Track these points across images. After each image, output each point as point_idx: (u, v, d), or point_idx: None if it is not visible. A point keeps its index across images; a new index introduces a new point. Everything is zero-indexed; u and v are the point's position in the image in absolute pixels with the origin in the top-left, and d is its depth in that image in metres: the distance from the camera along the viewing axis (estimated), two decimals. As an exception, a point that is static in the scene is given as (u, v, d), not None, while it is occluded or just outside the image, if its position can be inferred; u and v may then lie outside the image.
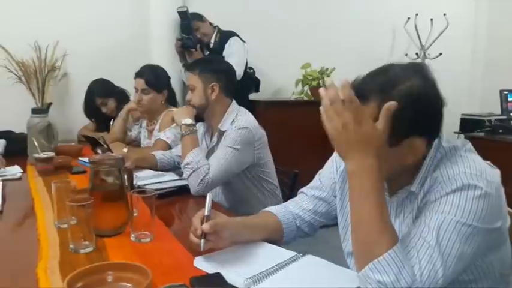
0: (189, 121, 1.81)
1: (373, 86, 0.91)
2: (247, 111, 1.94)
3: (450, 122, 3.33)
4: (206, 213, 1.07)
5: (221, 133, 1.86)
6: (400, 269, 0.81)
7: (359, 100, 0.86)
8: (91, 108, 2.98)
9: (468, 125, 4.12)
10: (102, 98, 2.94)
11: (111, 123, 3.01)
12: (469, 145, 0.99)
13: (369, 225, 0.85)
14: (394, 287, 0.81)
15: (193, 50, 3.14)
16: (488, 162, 0.96)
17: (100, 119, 3.02)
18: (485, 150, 1.01)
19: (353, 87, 0.87)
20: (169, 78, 2.62)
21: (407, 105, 0.88)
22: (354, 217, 0.89)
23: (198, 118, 1.92)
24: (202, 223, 1.05)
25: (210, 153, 1.89)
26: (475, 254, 0.87)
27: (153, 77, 2.45)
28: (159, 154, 2.16)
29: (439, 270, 0.81)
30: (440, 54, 4.12)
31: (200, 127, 2.01)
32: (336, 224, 1.19)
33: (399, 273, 0.81)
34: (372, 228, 0.85)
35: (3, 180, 1.79)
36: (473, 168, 0.89)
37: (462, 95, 4.75)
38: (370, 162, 0.86)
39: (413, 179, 0.97)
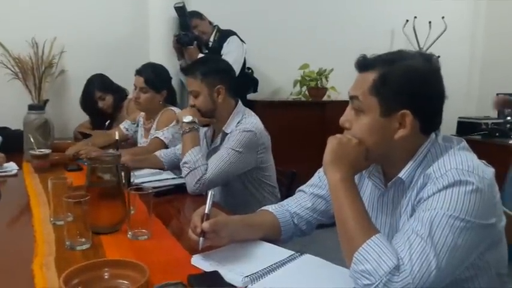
0: (189, 118, 1.77)
1: (380, 58, 1.00)
2: (253, 113, 1.89)
3: (447, 124, 3.34)
4: (206, 211, 1.07)
5: (225, 134, 1.83)
6: (379, 254, 0.84)
7: (365, 69, 0.99)
8: (88, 101, 2.94)
9: (465, 128, 4.14)
10: (101, 92, 2.92)
11: (106, 123, 3.00)
12: (464, 143, 1.01)
13: (348, 224, 0.91)
14: (377, 273, 0.82)
15: (190, 46, 3.13)
16: (483, 161, 0.97)
17: (95, 114, 3.00)
18: (481, 154, 1.02)
19: (362, 58, 1.01)
20: (171, 78, 2.59)
21: (405, 78, 0.96)
22: (337, 222, 0.96)
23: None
24: (202, 221, 1.05)
25: (212, 153, 1.86)
26: (470, 249, 0.87)
27: (153, 76, 2.42)
28: (161, 154, 2.14)
29: (432, 262, 0.81)
30: (438, 57, 4.08)
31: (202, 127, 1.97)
32: (332, 225, 1.19)
33: (379, 259, 0.83)
34: (350, 227, 0.91)
35: (-2, 177, 1.78)
36: (465, 164, 0.91)
37: (459, 98, 4.76)
38: (340, 176, 0.96)
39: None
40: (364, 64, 1.00)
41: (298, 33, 3.98)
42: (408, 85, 0.96)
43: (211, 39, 3.35)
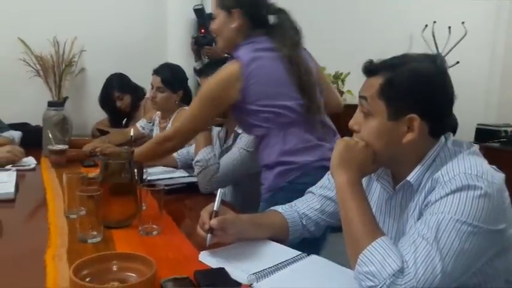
0: None
1: (385, 62, 1.01)
2: None
3: (465, 131, 3.29)
4: (215, 208, 1.08)
5: (237, 134, 1.85)
6: (384, 256, 0.84)
7: (371, 74, 1.00)
8: (107, 99, 3.02)
9: (483, 135, 4.07)
10: (119, 92, 2.99)
11: (123, 121, 3.06)
12: (474, 148, 0.99)
13: (353, 226, 0.92)
14: (381, 275, 0.82)
15: (209, 46, 3.15)
16: (493, 166, 0.96)
17: (113, 112, 3.07)
18: (500, 161, 1.00)
19: (369, 63, 1.01)
20: (187, 79, 2.63)
21: (410, 81, 0.96)
22: (343, 223, 0.96)
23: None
24: (210, 218, 1.06)
25: (224, 153, 1.88)
26: (477, 255, 0.86)
27: (170, 76, 2.46)
28: (175, 153, 2.17)
29: (437, 266, 0.81)
30: (458, 62, 4.07)
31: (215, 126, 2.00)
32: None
33: (383, 261, 0.83)
34: (356, 229, 0.91)
35: (17, 170, 1.82)
36: (473, 169, 0.90)
37: (478, 105, 4.69)
38: (347, 178, 0.97)
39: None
40: (370, 69, 1.01)
41: (314, 36, 3.93)
42: (414, 88, 0.96)
43: (229, 41, 3.37)
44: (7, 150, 1.98)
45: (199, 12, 3.19)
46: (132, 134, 2.17)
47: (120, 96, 2.99)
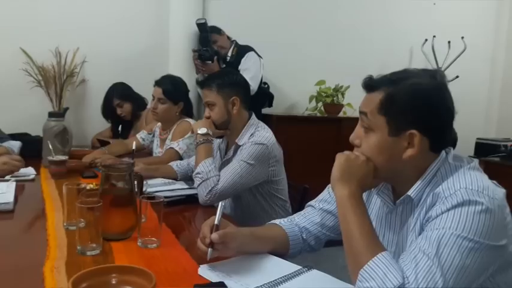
0: (204, 130, 1.80)
1: (385, 78, 1.01)
2: (266, 126, 1.91)
3: (464, 145, 3.29)
4: (216, 222, 1.08)
5: (238, 146, 1.85)
6: (385, 272, 0.83)
7: (371, 90, 0.99)
8: (108, 107, 3.08)
9: (483, 150, 4.06)
10: (119, 99, 3.03)
11: (119, 128, 3.08)
12: (474, 163, 0.99)
13: (354, 241, 0.92)
14: None
15: (209, 62, 3.18)
16: (494, 181, 0.96)
17: (114, 120, 3.12)
18: (499, 176, 1.00)
19: (368, 78, 1.01)
20: (188, 91, 2.65)
21: (410, 97, 0.96)
22: (343, 238, 0.96)
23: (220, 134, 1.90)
24: (211, 232, 1.06)
25: (224, 165, 1.87)
26: (478, 271, 0.85)
27: (171, 88, 2.48)
28: (175, 165, 2.17)
29: (438, 282, 0.80)
30: (457, 77, 4.09)
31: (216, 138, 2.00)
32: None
33: (384, 277, 0.83)
34: (357, 243, 0.91)
35: (17, 181, 1.81)
36: (474, 184, 0.90)
37: (478, 119, 4.70)
38: (348, 192, 0.97)
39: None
40: (370, 85, 1.01)
41: (315, 49, 4.01)
42: (414, 104, 0.96)
43: (229, 54, 3.40)
44: (3, 162, 1.94)
45: (202, 26, 3.21)
46: (134, 147, 2.17)
47: (120, 103, 3.03)
